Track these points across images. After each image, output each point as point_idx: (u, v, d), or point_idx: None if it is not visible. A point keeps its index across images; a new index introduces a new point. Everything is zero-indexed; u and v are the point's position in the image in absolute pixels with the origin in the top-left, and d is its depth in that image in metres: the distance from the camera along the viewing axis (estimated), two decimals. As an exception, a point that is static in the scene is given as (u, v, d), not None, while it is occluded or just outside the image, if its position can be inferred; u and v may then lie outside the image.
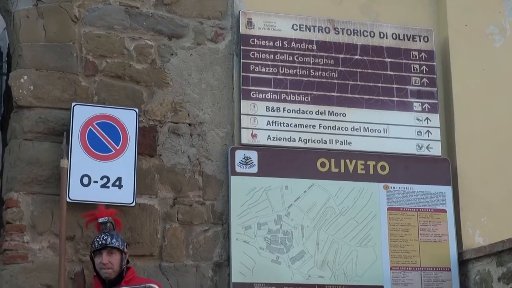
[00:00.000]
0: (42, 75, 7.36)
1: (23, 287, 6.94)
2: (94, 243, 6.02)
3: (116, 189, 7.16)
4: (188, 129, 7.69)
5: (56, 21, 7.49)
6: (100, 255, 5.96)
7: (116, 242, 5.98)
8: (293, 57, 8.04)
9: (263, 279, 7.45)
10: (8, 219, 7.08)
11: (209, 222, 7.57)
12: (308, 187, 7.75)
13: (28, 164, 7.17)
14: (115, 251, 5.97)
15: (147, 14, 7.77)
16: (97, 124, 7.27)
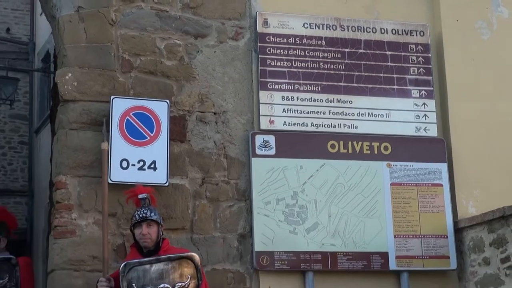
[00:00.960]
0: (84, 72, 7.38)
1: (72, 258, 6.99)
2: (135, 216, 6.00)
3: (152, 171, 7.18)
4: (213, 117, 7.69)
5: (95, 25, 7.50)
6: (140, 227, 5.94)
7: (154, 216, 5.97)
8: (304, 52, 8.01)
9: (282, 248, 7.45)
10: (58, 199, 7.14)
11: (234, 199, 7.58)
12: (320, 166, 7.73)
13: (74, 151, 7.21)
14: (153, 223, 5.96)
15: (175, 17, 7.76)
16: (133, 114, 7.29)
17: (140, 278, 5.73)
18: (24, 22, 19.82)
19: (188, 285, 5.77)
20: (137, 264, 5.78)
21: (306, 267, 7.48)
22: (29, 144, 18.86)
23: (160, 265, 5.79)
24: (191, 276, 5.79)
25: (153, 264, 5.78)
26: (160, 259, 5.81)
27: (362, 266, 7.61)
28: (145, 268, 5.77)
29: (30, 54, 18.96)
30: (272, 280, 7.48)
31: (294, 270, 7.49)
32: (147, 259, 5.82)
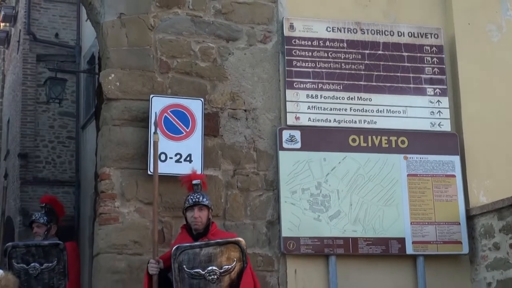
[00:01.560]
0: (126, 73, 7.42)
1: (115, 243, 7.05)
2: (188, 200, 6.00)
3: (187, 163, 7.20)
4: (244, 114, 7.70)
5: (136, 30, 7.54)
6: (192, 210, 5.94)
7: (206, 201, 5.97)
8: (327, 54, 8.00)
9: (307, 234, 7.47)
10: (102, 189, 7.20)
11: (263, 189, 7.59)
12: (342, 158, 7.73)
13: (116, 145, 7.26)
14: (204, 208, 5.95)
15: (209, 22, 7.78)
16: (170, 111, 7.32)
17: (191, 260, 5.76)
18: (71, 28, 19.91)
19: (234, 268, 5.80)
20: (188, 248, 5.80)
21: (329, 251, 7.49)
22: (76, 139, 18.97)
23: (209, 249, 5.80)
24: (237, 259, 5.82)
25: (203, 248, 5.80)
26: (209, 244, 5.82)
27: (381, 250, 7.60)
28: (195, 251, 5.79)
29: (76, 56, 19.05)
30: (298, 263, 7.49)
31: (318, 254, 7.50)
32: (197, 243, 5.83)
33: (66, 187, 18.51)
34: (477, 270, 7.76)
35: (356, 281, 7.55)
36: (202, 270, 5.74)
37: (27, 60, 19.66)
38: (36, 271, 7.11)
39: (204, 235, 5.94)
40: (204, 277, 5.74)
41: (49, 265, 7.14)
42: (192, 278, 5.73)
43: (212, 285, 5.74)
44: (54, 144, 19.59)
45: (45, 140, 19.50)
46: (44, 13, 20.03)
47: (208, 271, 5.74)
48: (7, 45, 22.66)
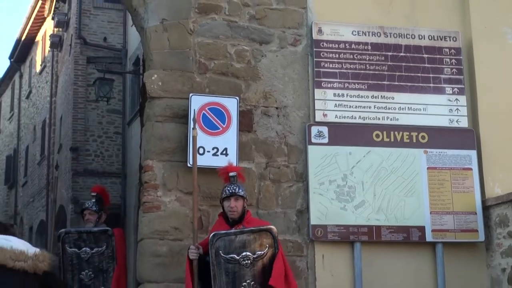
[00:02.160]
0: (167, 74, 7.46)
1: (157, 229, 7.10)
2: (225, 191, 5.99)
3: (224, 156, 7.21)
4: (275, 111, 7.70)
5: (176, 34, 7.57)
6: (228, 201, 5.93)
7: (241, 192, 5.97)
8: (353, 56, 7.97)
9: (333, 222, 7.46)
10: (146, 180, 7.24)
11: (293, 180, 7.58)
12: (366, 152, 7.70)
13: (159, 140, 7.30)
14: (240, 198, 5.94)
15: (243, 27, 7.79)
16: (208, 109, 7.34)
17: (226, 246, 5.76)
18: (118, 32, 20.05)
19: (266, 254, 5.78)
20: (224, 235, 5.80)
21: (354, 238, 7.48)
22: (122, 134, 19.11)
23: (243, 236, 5.80)
24: (269, 245, 5.80)
25: (238, 235, 5.80)
26: (243, 231, 5.83)
27: (403, 238, 7.56)
28: (231, 238, 5.80)
29: (123, 59, 19.17)
30: (325, 249, 7.48)
31: (344, 241, 7.49)
32: (232, 231, 5.84)
33: (113, 178, 18.66)
34: (492, 257, 7.70)
35: (379, 266, 7.52)
36: (237, 255, 5.74)
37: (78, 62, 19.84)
38: (87, 255, 7.17)
39: (240, 223, 5.94)
40: (238, 262, 5.74)
41: (99, 249, 7.19)
42: (228, 262, 5.73)
43: (246, 270, 5.74)
44: (103, 139, 19.76)
45: (94, 135, 19.68)
46: (93, 19, 20.20)
47: (242, 256, 5.75)
48: (60, 48, 22.86)
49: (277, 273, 5.70)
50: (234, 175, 6.09)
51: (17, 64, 29.75)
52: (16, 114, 30.10)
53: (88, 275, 7.14)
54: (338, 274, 7.47)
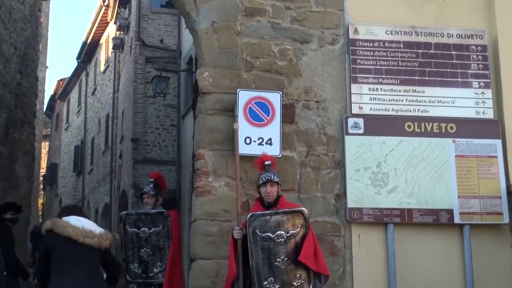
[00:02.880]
0: (217, 71, 7.48)
1: (208, 211, 7.15)
2: (262, 178, 6.01)
3: (268, 146, 7.22)
4: (315, 105, 7.67)
5: (225, 35, 7.59)
6: (265, 186, 5.95)
7: (276, 178, 5.99)
8: (386, 53, 7.89)
9: (369, 205, 7.43)
10: (198, 167, 7.29)
11: (331, 167, 7.56)
12: (399, 142, 7.62)
13: (210, 131, 7.34)
14: (275, 184, 5.96)
15: (286, 28, 7.77)
16: (254, 103, 7.34)
17: (262, 226, 5.78)
18: (173, 35, 20.16)
19: (298, 233, 5.79)
20: (260, 216, 5.83)
21: (387, 220, 7.42)
22: (177, 126, 19.24)
23: (277, 217, 5.82)
24: (301, 225, 5.81)
25: (273, 216, 5.82)
26: (278, 212, 5.84)
27: (432, 220, 7.48)
28: (266, 218, 5.82)
29: (177, 58, 19.29)
30: (361, 230, 7.45)
31: (378, 222, 7.44)
32: (268, 212, 5.86)
33: (169, 166, 18.82)
34: (516, 238, 7.59)
35: (410, 246, 7.46)
36: (272, 234, 5.77)
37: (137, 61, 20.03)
38: (145, 235, 7.25)
39: (274, 206, 5.96)
40: (273, 240, 5.77)
41: (156, 229, 7.27)
42: (264, 240, 5.76)
43: (280, 247, 5.76)
44: (160, 131, 19.93)
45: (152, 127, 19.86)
46: (151, 23, 20.36)
47: (277, 235, 5.77)
48: (121, 49, 23.09)
49: (307, 250, 5.72)
50: (269, 163, 6.11)
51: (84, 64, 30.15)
52: (83, 109, 30.53)
53: (147, 252, 7.22)
54: (372, 252, 7.43)
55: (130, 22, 21.45)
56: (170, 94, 18.91)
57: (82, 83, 31.35)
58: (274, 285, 5.73)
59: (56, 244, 5.55)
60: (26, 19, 17.96)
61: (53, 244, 5.57)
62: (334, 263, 7.26)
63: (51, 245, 5.58)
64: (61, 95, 35.44)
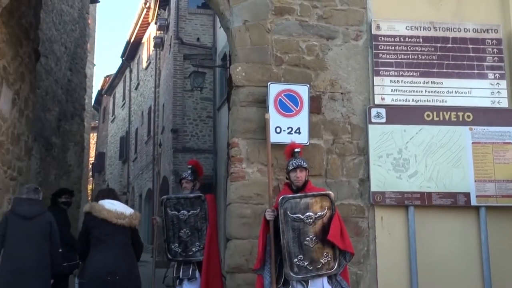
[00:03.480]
0: (249, 66, 7.47)
1: (242, 194, 7.17)
2: (292, 164, 6.01)
3: (297, 134, 7.20)
4: (340, 96, 7.63)
5: (257, 32, 7.57)
6: (295, 171, 5.95)
7: (305, 164, 5.99)
8: (406, 47, 7.79)
9: (391, 189, 7.38)
10: (232, 154, 7.31)
11: (356, 154, 7.52)
12: (419, 130, 7.54)
13: (243, 121, 7.34)
14: (303, 169, 5.97)
15: (313, 25, 7.73)
16: (284, 95, 7.32)
17: (293, 208, 5.80)
18: (209, 33, 20.23)
19: (325, 214, 5.80)
20: (291, 198, 5.85)
21: (408, 203, 7.37)
22: (213, 118, 19.32)
23: (307, 199, 5.83)
24: (328, 208, 5.81)
25: (302, 199, 5.83)
26: (307, 195, 5.85)
27: (450, 202, 7.40)
28: (296, 201, 5.83)
29: (213, 55, 19.35)
30: (384, 212, 7.41)
31: (399, 205, 7.39)
32: (298, 195, 5.88)
33: (206, 154, 18.93)
34: (530, 219, 7.48)
35: (430, 226, 7.40)
36: (301, 215, 5.78)
37: (176, 58, 20.14)
38: (184, 217, 7.29)
39: (302, 190, 5.97)
40: (302, 220, 5.78)
41: (194, 212, 7.30)
42: (294, 221, 5.78)
43: (308, 227, 5.77)
44: (197, 122, 20.05)
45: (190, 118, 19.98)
46: (188, 23, 20.44)
47: (306, 216, 5.78)
48: (161, 48, 23.21)
49: (334, 230, 5.73)
50: (298, 151, 6.11)
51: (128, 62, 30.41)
52: (127, 103, 30.79)
53: (186, 233, 7.26)
54: (394, 233, 7.39)
55: (169, 22, 21.56)
56: (206, 88, 18.99)
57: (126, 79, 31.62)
58: (303, 262, 5.75)
59: (94, 224, 6.19)
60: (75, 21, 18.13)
61: (92, 224, 6.21)
62: (358, 243, 7.24)
63: (90, 225, 6.23)
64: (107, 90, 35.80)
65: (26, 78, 10.47)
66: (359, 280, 7.21)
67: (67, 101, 16.88)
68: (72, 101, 17.58)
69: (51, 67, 14.95)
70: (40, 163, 14.17)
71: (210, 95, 19.52)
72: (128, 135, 30.05)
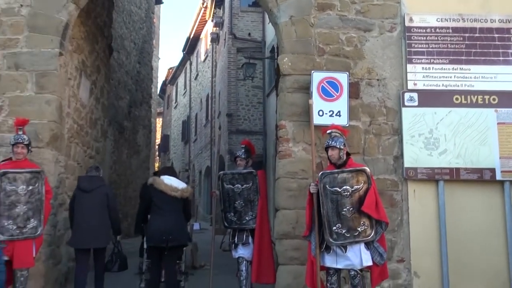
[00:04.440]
0: (295, 57, 7.42)
1: (289, 170, 7.19)
2: (325, 144, 6.04)
3: (338, 117, 7.14)
4: (376, 82, 7.51)
5: (301, 26, 7.51)
6: (328, 150, 5.98)
7: (335, 144, 5.92)
8: (437, 37, 7.59)
9: (422, 165, 7.26)
10: (280, 135, 7.31)
11: (390, 134, 7.40)
12: (448, 112, 7.36)
13: (289, 106, 7.32)
14: (335, 148, 5.90)
15: (352, 19, 7.61)
16: (326, 82, 7.25)
17: (331, 182, 5.80)
18: (259, 29, 20.16)
19: (362, 188, 5.78)
20: (329, 173, 5.84)
21: (438, 177, 7.23)
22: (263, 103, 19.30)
23: (344, 175, 5.82)
24: (364, 182, 5.79)
25: (339, 174, 5.82)
26: (344, 171, 5.83)
27: (477, 177, 7.23)
28: (334, 176, 5.83)
29: (262, 48, 19.28)
30: (416, 185, 7.30)
31: (430, 179, 7.26)
32: (336, 170, 5.87)
33: (257, 135, 18.96)
34: (551, 192, 7.24)
35: (458, 199, 7.25)
36: (339, 188, 5.77)
37: (230, 52, 20.18)
38: (239, 190, 7.34)
39: (343, 166, 5.93)
40: (340, 193, 5.77)
41: (247, 185, 7.35)
42: (332, 194, 5.78)
43: (346, 199, 5.75)
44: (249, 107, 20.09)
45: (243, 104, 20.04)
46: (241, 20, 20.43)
47: (343, 189, 5.77)
48: (217, 42, 23.29)
49: (369, 202, 5.71)
50: (330, 132, 6.09)
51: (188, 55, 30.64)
52: (188, 91, 31.08)
53: (240, 204, 7.32)
54: (425, 204, 7.27)
55: (224, 20, 21.59)
56: (257, 77, 18.98)
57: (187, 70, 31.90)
58: (341, 230, 5.75)
59: (154, 194, 6.82)
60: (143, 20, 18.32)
61: (153, 194, 6.84)
62: (393, 213, 7.16)
63: (152, 194, 6.86)
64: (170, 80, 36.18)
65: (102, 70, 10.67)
66: (393, 246, 7.14)
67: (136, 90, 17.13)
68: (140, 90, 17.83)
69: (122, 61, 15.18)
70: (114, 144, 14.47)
71: (260, 84, 19.50)
72: (189, 120, 30.36)
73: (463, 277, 7.12)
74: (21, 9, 7.56)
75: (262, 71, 19.24)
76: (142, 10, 18.25)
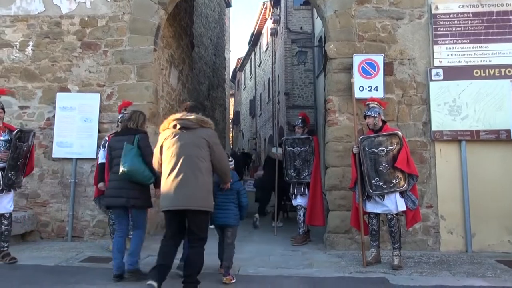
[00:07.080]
0: (339, 43, 7.23)
1: (336, 136, 7.07)
2: (365, 112, 5.97)
3: (375, 91, 6.94)
4: (407, 61, 7.21)
5: (344, 18, 7.29)
6: (365, 118, 5.92)
7: (370, 113, 5.86)
8: (459, 21, 7.18)
9: (447, 128, 6.97)
10: (328, 107, 7.19)
11: (420, 104, 7.13)
12: (469, 84, 6.99)
13: (335, 83, 7.16)
14: (370, 117, 5.86)
15: (386, 10, 7.31)
16: (365, 63, 7.03)
17: (369, 144, 5.74)
18: (309, 23, 19.83)
19: (395, 148, 5.67)
20: (367, 137, 5.78)
21: (461, 138, 6.93)
22: (313, 83, 19.09)
23: (379, 138, 5.72)
24: (396, 143, 5.69)
25: (375, 138, 5.75)
26: (379, 135, 5.75)
27: (494, 137, 6.88)
28: (372, 139, 5.75)
29: (312, 38, 18.97)
30: (442, 146, 7.03)
31: (454, 140, 6.97)
32: (372, 135, 5.79)
33: (309, 109, 18.80)
34: (560, 148, 6.80)
35: (477, 156, 6.94)
36: (376, 149, 5.69)
37: (286, 43, 19.95)
38: (298, 151, 7.37)
39: (380, 131, 5.84)
40: (377, 153, 5.69)
41: (304, 148, 7.36)
42: (370, 154, 5.71)
43: (382, 158, 5.67)
44: (302, 87, 19.89)
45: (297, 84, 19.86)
46: (294, 16, 20.13)
47: (379, 150, 5.69)
48: (276, 36, 23.06)
49: (401, 159, 5.60)
50: (368, 103, 5.98)
51: (253, 47, 30.53)
52: (253, 76, 31.08)
53: (299, 163, 7.35)
54: (450, 161, 7.00)
55: (280, 17, 21.34)
56: (308, 62, 18.75)
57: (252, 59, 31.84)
58: (379, 182, 5.69)
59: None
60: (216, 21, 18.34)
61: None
62: (423, 168, 6.95)
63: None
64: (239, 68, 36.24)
65: (186, 62, 10.82)
66: (423, 194, 6.95)
67: (213, 76, 17.29)
68: (216, 77, 17.98)
69: (201, 54, 15.32)
70: (197, 119, 14.67)
71: (311, 67, 19.26)
72: (255, 99, 30.45)
73: (482, 219, 6.86)
74: (124, 16, 7.74)
75: (312, 57, 18.97)
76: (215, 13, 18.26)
